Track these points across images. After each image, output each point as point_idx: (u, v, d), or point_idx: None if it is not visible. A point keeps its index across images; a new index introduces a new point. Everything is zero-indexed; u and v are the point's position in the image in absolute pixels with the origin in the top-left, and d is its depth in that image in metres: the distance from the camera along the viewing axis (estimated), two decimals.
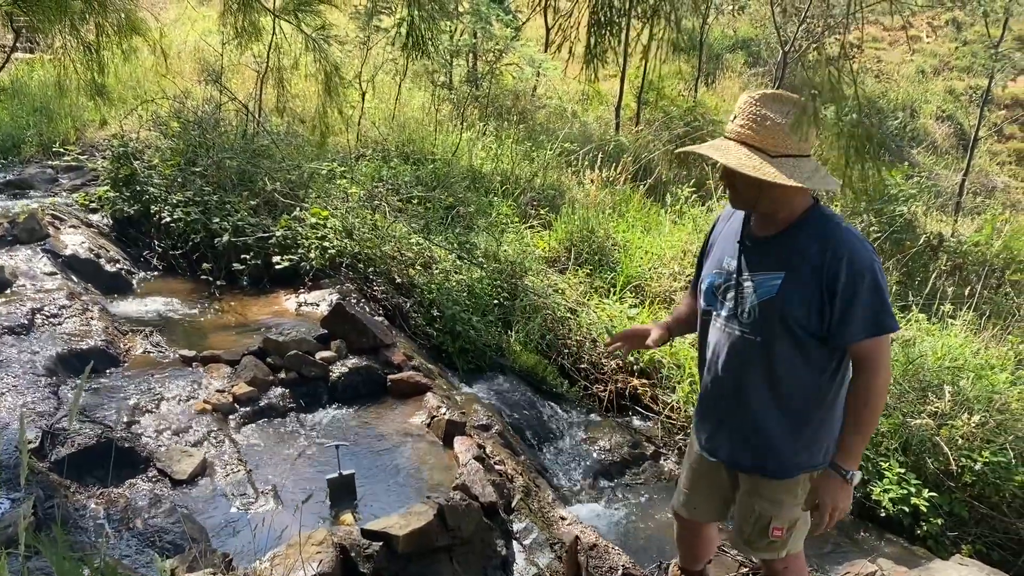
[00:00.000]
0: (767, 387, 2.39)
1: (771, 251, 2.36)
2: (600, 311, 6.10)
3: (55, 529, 1.98)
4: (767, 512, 2.49)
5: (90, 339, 4.40)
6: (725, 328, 2.46)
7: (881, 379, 2.27)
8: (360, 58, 8.83)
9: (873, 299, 2.22)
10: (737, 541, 2.65)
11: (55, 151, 7.75)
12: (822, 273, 2.23)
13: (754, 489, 2.52)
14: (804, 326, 2.29)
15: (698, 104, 12.64)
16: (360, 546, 2.97)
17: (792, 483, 2.44)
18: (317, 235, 5.78)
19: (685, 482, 2.82)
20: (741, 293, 2.41)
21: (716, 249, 2.57)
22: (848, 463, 2.31)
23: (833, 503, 2.32)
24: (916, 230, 8.99)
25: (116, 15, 4.35)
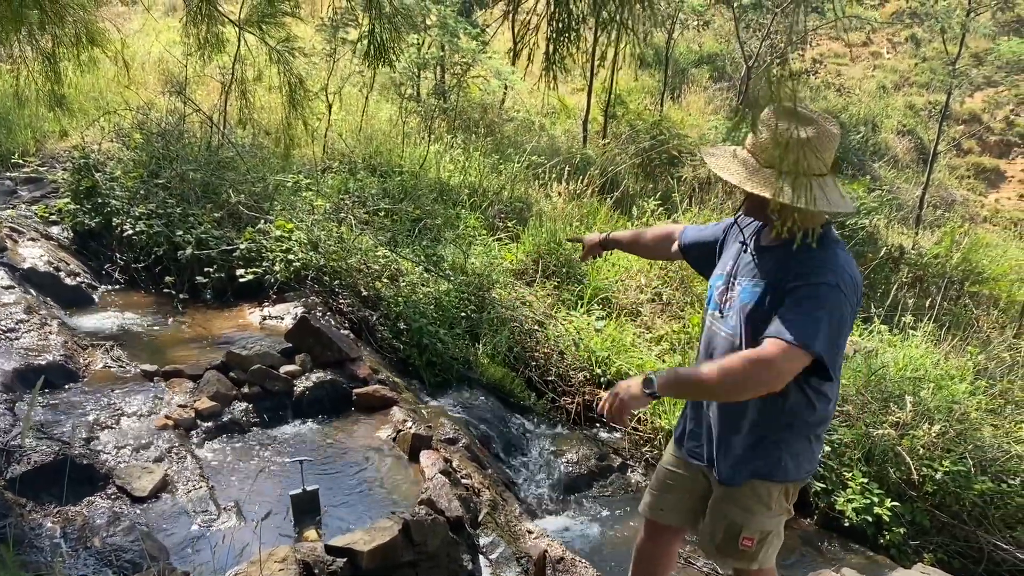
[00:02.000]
0: None
1: (765, 260, 2.41)
2: (567, 323, 6.11)
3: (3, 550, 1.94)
4: (738, 520, 2.50)
5: (48, 354, 4.31)
6: (717, 328, 2.52)
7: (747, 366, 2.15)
8: (327, 70, 8.80)
9: (805, 308, 2.18)
10: (709, 549, 2.65)
11: (14, 163, 7.61)
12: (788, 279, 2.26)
13: (726, 496, 2.53)
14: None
15: (664, 118, 12.75)
16: (324, 563, 2.93)
17: (765, 494, 2.45)
18: (282, 248, 5.73)
19: (657, 483, 2.83)
20: (732, 297, 2.46)
21: (726, 253, 2.64)
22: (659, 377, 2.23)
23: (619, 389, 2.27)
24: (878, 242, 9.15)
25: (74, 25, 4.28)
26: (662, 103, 13.59)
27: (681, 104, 14.75)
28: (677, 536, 2.94)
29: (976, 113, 16.92)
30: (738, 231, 2.60)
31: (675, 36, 13.94)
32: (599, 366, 5.70)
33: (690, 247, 2.90)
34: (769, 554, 2.57)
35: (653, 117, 12.53)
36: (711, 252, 2.77)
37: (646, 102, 14.02)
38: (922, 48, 18.34)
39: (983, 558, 4.37)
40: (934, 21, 12.32)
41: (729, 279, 2.50)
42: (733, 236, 2.65)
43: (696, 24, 13.83)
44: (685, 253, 2.92)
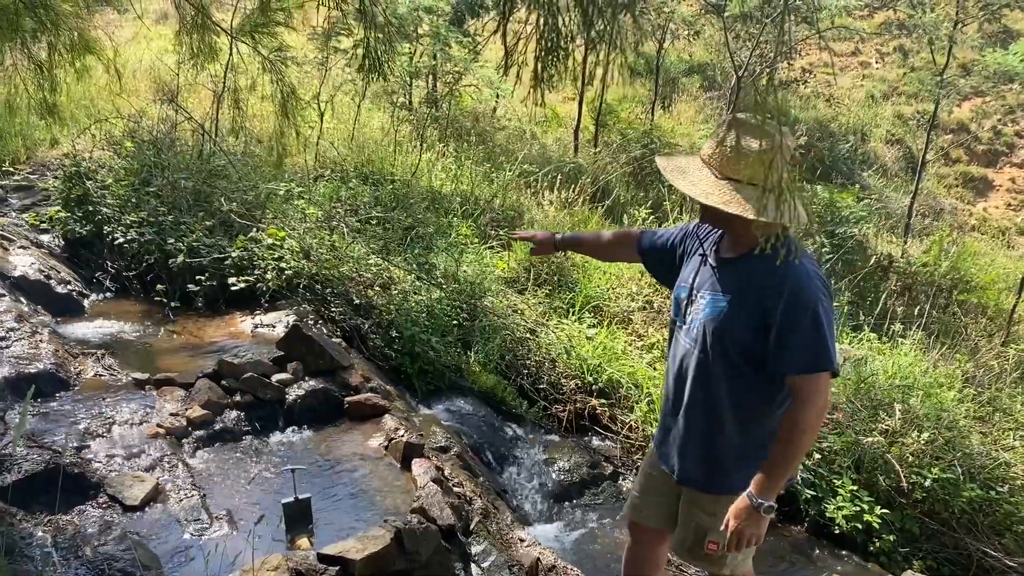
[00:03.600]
0: (707, 403, 2.45)
1: (727, 273, 2.42)
2: (559, 331, 6.13)
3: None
4: (703, 524, 2.53)
5: (39, 362, 4.30)
6: (682, 341, 2.54)
7: (809, 416, 2.24)
8: (319, 78, 8.81)
9: (811, 336, 2.23)
10: (680, 550, 2.69)
11: (4, 170, 7.58)
12: (762, 300, 2.27)
13: (693, 500, 2.57)
14: (742, 351, 2.34)
15: (655, 127, 12.82)
16: (316, 571, 2.94)
17: (728, 499, 2.45)
18: (274, 256, 5.73)
19: (637, 487, 2.88)
20: (694, 309, 2.47)
21: (690, 262, 2.64)
22: (760, 493, 2.28)
23: (739, 527, 2.31)
24: (867, 251, 9.21)
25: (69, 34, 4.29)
26: (653, 112, 13.67)
27: (672, 113, 14.83)
28: (662, 539, 2.96)
29: (964, 123, 17.06)
30: (698, 241, 2.62)
31: (665, 46, 14.01)
32: (591, 374, 5.72)
33: (648, 252, 2.89)
34: (739, 560, 2.58)
35: (644, 126, 12.61)
36: (670, 259, 2.78)
37: (637, 111, 14.09)
38: (910, 58, 18.49)
39: (972, 565, 4.40)
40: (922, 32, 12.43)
41: (692, 290, 2.52)
42: (695, 246, 2.65)
43: (686, 34, 13.91)
44: (643, 257, 2.93)
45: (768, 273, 2.27)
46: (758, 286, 2.30)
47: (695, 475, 2.53)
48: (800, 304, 2.23)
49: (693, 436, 2.50)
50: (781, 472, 2.30)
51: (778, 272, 2.25)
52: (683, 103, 15.48)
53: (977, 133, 16.89)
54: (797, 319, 2.23)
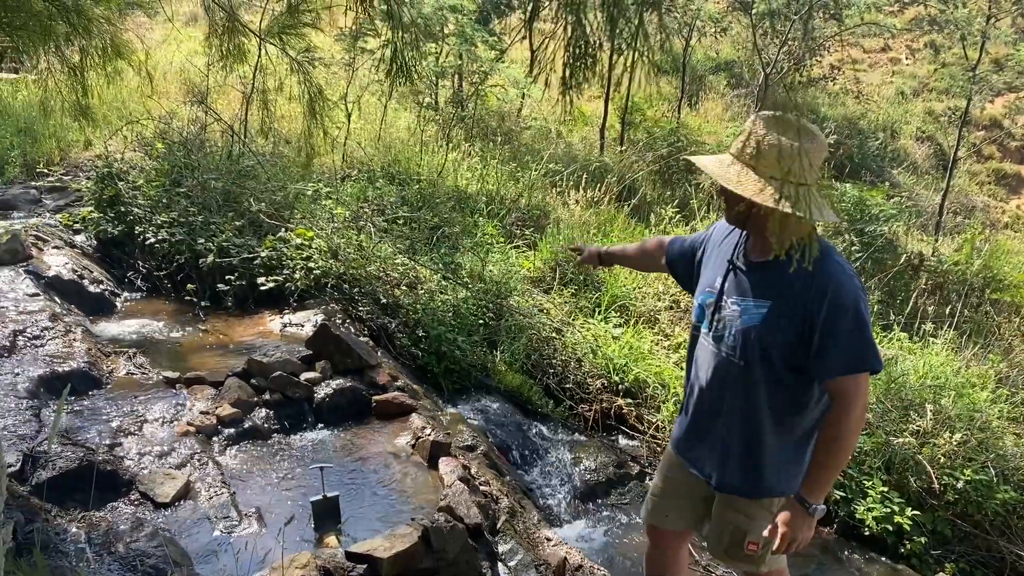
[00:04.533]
0: (745, 410, 2.42)
1: (762, 278, 2.38)
2: (585, 331, 6.12)
3: (35, 554, 1.97)
4: (742, 526, 2.51)
5: (73, 361, 4.37)
6: (711, 347, 2.49)
7: (854, 417, 2.24)
8: (346, 79, 8.87)
9: (854, 336, 2.22)
10: (717, 553, 2.67)
11: (39, 172, 7.73)
12: (805, 305, 2.24)
13: (729, 503, 2.55)
14: (784, 357, 2.31)
15: (681, 125, 12.75)
16: (344, 569, 2.96)
17: (767, 501, 2.47)
18: (302, 256, 5.78)
19: (657, 490, 2.84)
20: (727, 316, 2.43)
21: (710, 265, 2.59)
22: (812, 496, 2.30)
23: (791, 532, 2.31)
24: (897, 249, 9.10)
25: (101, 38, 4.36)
26: (679, 110, 13.60)
27: (699, 111, 14.75)
28: (684, 539, 2.96)
29: (997, 119, 16.81)
30: (722, 244, 2.59)
31: (692, 43, 13.94)
32: (617, 373, 5.71)
33: (675, 260, 2.87)
34: (776, 557, 2.57)
35: (671, 124, 12.54)
36: (691, 265, 2.75)
37: (663, 109, 14.03)
38: (941, 54, 18.24)
39: (1006, 568, 4.34)
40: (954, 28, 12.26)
41: (720, 296, 2.47)
42: (714, 249, 2.62)
43: (713, 31, 13.83)
44: (671, 266, 2.90)
45: (806, 276, 2.22)
46: (798, 290, 2.26)
47: (736, 481, 2.50)
48: (842, 304, 2.21)
49: (733, 443, 2.47)
50: (831, 474, 2.32)
51: (817, 274, 2.22)
52: (710, 101, 15.39)
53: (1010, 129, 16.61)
54: (840, 320, 2.21)
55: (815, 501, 2.29)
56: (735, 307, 2.40)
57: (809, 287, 2.24)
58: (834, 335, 2.21)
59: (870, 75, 18.06)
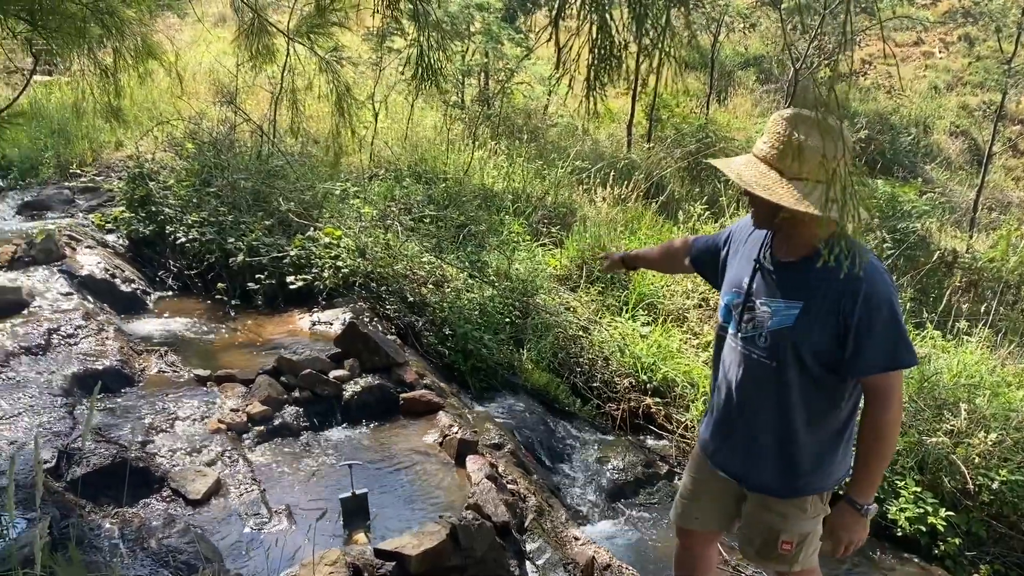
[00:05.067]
0: (778, 411, 2.40)
1: (791, 278, 2.35)
2: (613, 329, 6.10)
3: (71, 549, 2.00)
4: (776, 526, 2.49)
5: (105, 359, 4.43)
6: (740, 348, 2.46)
7: (893, 413, 2.26)
8: (373, 78, 8.91)
9: (889, 333, 2.21)
10: (748, 553, 2.65)
11: (72, 172, 7.85)
12: (839, 305, 2.22)
13: (762, 503, 2.53)
14: (818, 356, 2.29)
15: (710, 121, 12.65)
16: (373, 566, 2.97)
17: (800, 499, 2.45)
18: (330, 255, 5.82)
19: (686, 491, 2.82)
20: (758, 317, 2.40)
21: (735, 266, 2.56)
22: (862, 496, 2.32)
23: (848, 537, 2.35)
24: (930, 246, 8.96)
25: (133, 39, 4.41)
26: (708, 106, 13.49)
27: (727, 107, 14.63)
28: (713, 539, 2.95)
29: None
30: (747, 242, 2.56)
31: (720, 39, 13.83)
32: (645, 372, 5.67)
33: (700, 259, 2.84)
34: (809, 554, 2.56)
35: (699, 120, 12.44)
36: (716, 262, 2.72)
37: (691, 105, 13.93)
38: (976, 47, 17.93)
39: None
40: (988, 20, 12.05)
41: (748, 297, 2.44)
42: (739, 247, 2.59)
43: (742, 27, 13.71)
44: (696, 265, 2.87)
45: (838, 274, 2.19)
46: (831, 289, 2.24)
47: (768, 481, 2.48)
48: (876, 302, 2.19)
49: (765, 443, 2.45)
50: (877, 473, 2.33)
51: (849, 272, 2.18)
52: (739, 96, 15.26)
53: None
54: (875, 318, 2.19)
55: (865, 501, 2.32)
56: (766, 308, 2.37)
57: (842, 286, 2.21)
58: (869, 333, 2.20)
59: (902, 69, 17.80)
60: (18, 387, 3.97)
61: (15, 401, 3.83)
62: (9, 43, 5.25)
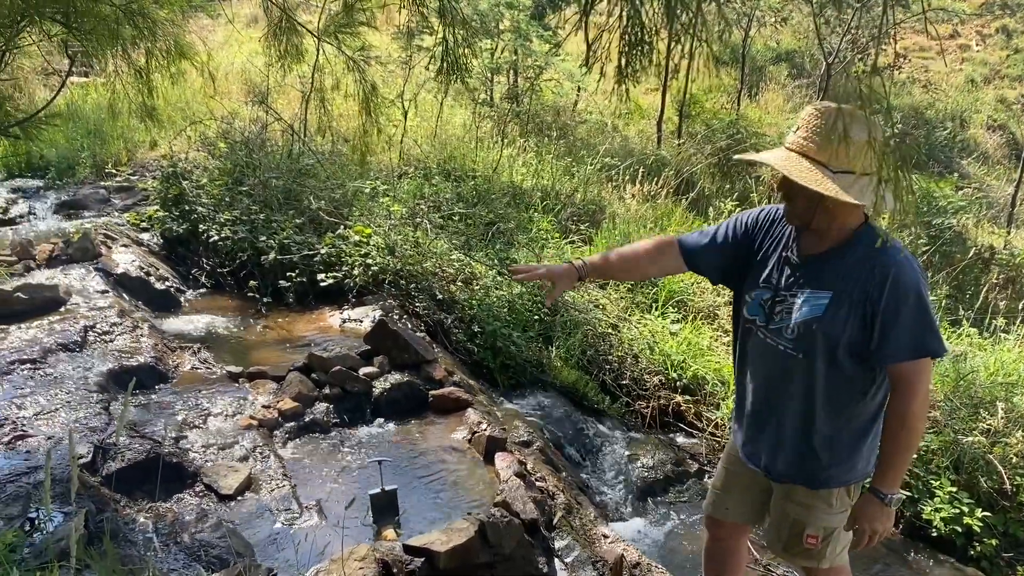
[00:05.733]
0: (806, 402, 2.40)
1: (821, 269, 2.34)
2: (642, 326, 6.07)
3: (106, 543, 2.03)
4: (800, 518, 2.49)
5: (140, 356, 4.50)
6: (770, 341, 2.45)
7: (918, 402, 2.25)
8: (402, 77, 8.94)
9: (917, 320, 2.20)
10: (775, 547, 2.65)
11: (107, 172, 7.98)
12: (867, 292, 2.23)
13: (787, 495, 2.53)
14: (847, 346, 2.29)
15: (741, 117, 12.54)
16: (402, 562, 2.99)
17: (826, 492, 2.44)
18: (360, 252, 5.85)
19: (719, 483, 2.84)
20: (788, 309, 2.39)
21: (763, 260, 2.53)
22: (886, 486, 2.30)
23: (871, 527, 2.33)
24: (966, 243, 8.81)
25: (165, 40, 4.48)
26: (739, 101, 13.38)
27: (759, 102, 14.49)
28: (743, 533, 2.95)
29: None
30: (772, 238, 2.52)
31: (752, 33, 13.69)
32: (675, 370, 5.64)
33: (698, 254, 2.64)
34: (838, 552, 2.54)
35: (730, 116, 12.34)
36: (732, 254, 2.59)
37: (722, 101, 13.82)
38: (1014, 39, 17.59)
39: None
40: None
41: (777, 290, 2.43)
42: (765, 241, 2.53)
43: (773, 21, 13.57)
44: (694, 259, 2.66)
45: (867, 265, 2.23)
46: (859, 279, 2.25)
47: (793, 472, 2.48)
48: (903, 290, 2.20)
49: (790, 435, 2.45)
50: (903, 463, 2.32)
51: (877, 262, 2.21)
52: (770, 92, 15.09)
53: None
54: (902, 306, 2.20)
55: (890, 491, 2.30)
56: (795, 300, 2.37)
57: (870, 274, 2.23)
58: (896, 320, 2.20)
59: (938, 63, 17.51)
60: (55, 383, 4.05)
61: (52, 397, 3.90)
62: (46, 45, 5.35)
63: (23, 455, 3.37)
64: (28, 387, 3.97)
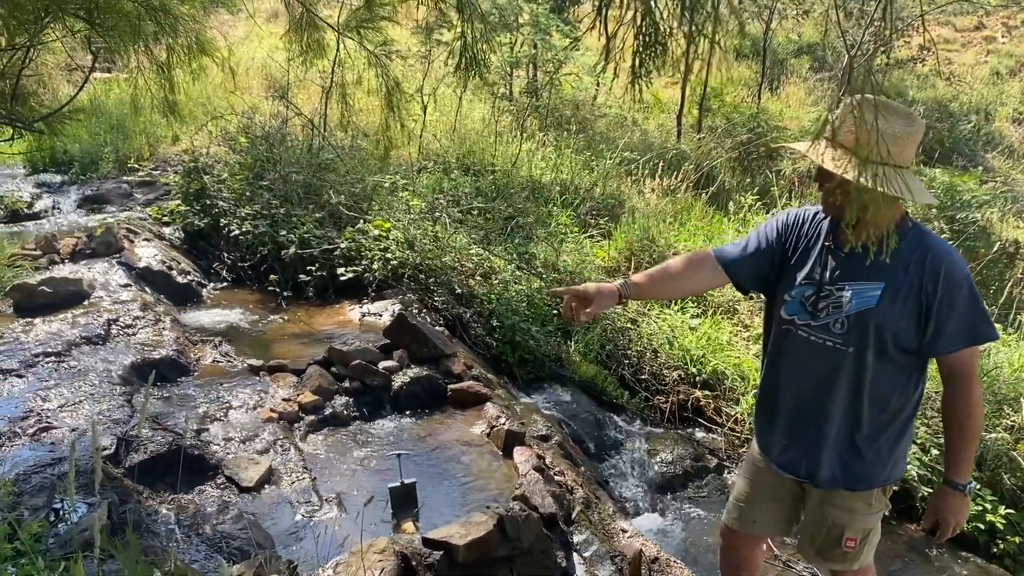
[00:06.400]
0: (853, 399, 2.37)
1: (866, 261, 2.29)
2: (661, 321, 6.05)
3: (128, 533, 2.06)
4: (840, 521, 2.46)
5: (162, 349, 4.54)
6: (814, 339, 2.41)
7: (977, 389, 2.30)
8: (422, 72, 8.95)
9: (970, 309, 2.23)
10: (808, 552, 2.61)
11: (130, 167, 8.06)
12: (921, 285, 2.24)
13: (827, 498, 2.49)
14: (898, 337, 2.29)
15: (762, 110, 12.45)
16: (421, 555, 3.00)
17: (866, 493, 2.43)
18: (380, 247, 5.87)
19: (742, 495, 2.77)
20: (835, 303, 2.36)
21: (800, 258, 2.49)
22: (961, 476, 2.34)
23: (956, 519, 2.37)
24: (991, 237, 8.70)
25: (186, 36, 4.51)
26: (759, 95, 13.28)
27: (780, 96, 14.38)
28: (761, 542, 2.94)
29: None
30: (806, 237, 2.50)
31: (773, 26, 13.58)
32: (694, 365, 5.62)
33: (739, 263, 2.59)
34: (867, 552, 2.54)
35: (750, 109, 12.26)
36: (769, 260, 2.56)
37: (743, 94, 13.72)
38: None
39: None
40: None
41: (821, 286, 2.39)
42: (800, 241, 2.51)
43: (795, 13, 13.45)
44: (734, 272, 2.60)
45: (918, 254, 2.25)
46: (911, 269, 2.25)
47: (839, 475, 2.44)
48: (956, 280, 2.22)
49: (835, 435, 2.41)
50: (972, 450, 2.35)
51: (929, 254, 2.23)
52: (792, 85, 14.98)
53: None
54: (956, 295, 2.22)
55: (965, 480, 2.34)
56: (842, 293, 2.34)
57: (920, 266, 2.25)
58: (951, 310, 2.23)
59: (963, 55, 17.28)
60: (79, 375, 4.09)
61: (76, 389, 3.95)
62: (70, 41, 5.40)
63: (48, 446, 3.41)
64: (53, 379, 4.02)
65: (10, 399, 3.79)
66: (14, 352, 4.23)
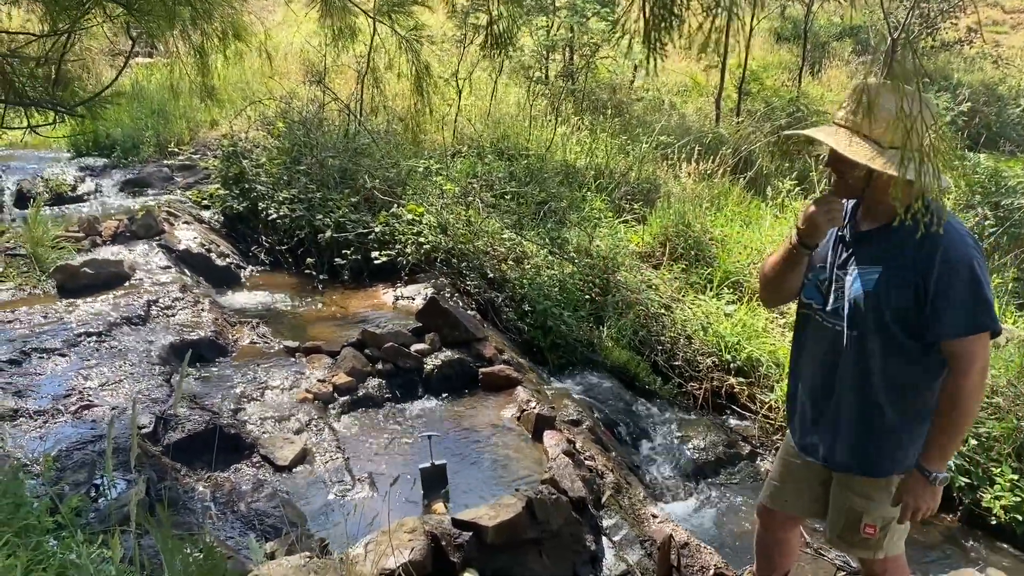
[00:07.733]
0: (861, 383, 2.37)
1: (871, 245, 2.33)
2: (696, 307, 6.01)
3: (160, 510, 2.11)
4: (858, 508, 2.46)
5: (201, 330, 4.63)
6: (826, 323, 2.44)
7: (972, 380, 2.20)
8: (457, 56, 8.94)
9: (969, 295, 2.16)
10: (832, 538, 2.62)
11: (170, 151, 8.17)
12: (916, 267, 2.20)
13: (847, 484, 2.49)
14: (899, 321, 2.26)
15: (802, 94, 12.24)
16: (450, 535, 3.03)
17: (885, 481, 2.40)
18: (413, 231, 5.91)
19: (776, 474, 2.80)
20: (841, 287, 2.38)
21: (826, 242, 2.50)
22: (933, 464, 2.27)
23: (915, 503, 2.30)
24: None
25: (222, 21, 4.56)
26: (800, 79, 13.05)
27: (821, 80, 14.12)
28: (795, 525, 2.92)
29: None
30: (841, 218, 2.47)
31: (815, 8, 13.32)
32: (728, 352, 5.58)
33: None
34: (894, 542, 2.51)
35: (790, 93, 12.06)
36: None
37: (783, 78, 13.50)
38: None
39: None
40: None
41: (832, 270, 2.42)
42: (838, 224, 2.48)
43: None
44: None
45: (918, 239, 2.18)
46: (909, 253, 2.22)
47: (852, 460, 2.44)
48: (954, 265, 2.16)
49: (848, 420, 2.41)
50: (950, 441, 2.28)
51: (928, 236, 2.16)
52: (833, 68, 14.68)
53: None
54: (953, 281, 2.16)
55: (935, 469, 2.27)
56: (847, 277, 2.36)
57: (920, 249, 2.20)
58: (948, 296, 2.17)
59: (1011, 37, 16.81)
60: (120, 355, 4.19)
61: (117, 368, 4.04)
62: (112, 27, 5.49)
63: (89, 424, 3.50)
64: (94, 359, 4.12)
65: (53, 377, 3.90)
66: (57, 332, 4.34)
